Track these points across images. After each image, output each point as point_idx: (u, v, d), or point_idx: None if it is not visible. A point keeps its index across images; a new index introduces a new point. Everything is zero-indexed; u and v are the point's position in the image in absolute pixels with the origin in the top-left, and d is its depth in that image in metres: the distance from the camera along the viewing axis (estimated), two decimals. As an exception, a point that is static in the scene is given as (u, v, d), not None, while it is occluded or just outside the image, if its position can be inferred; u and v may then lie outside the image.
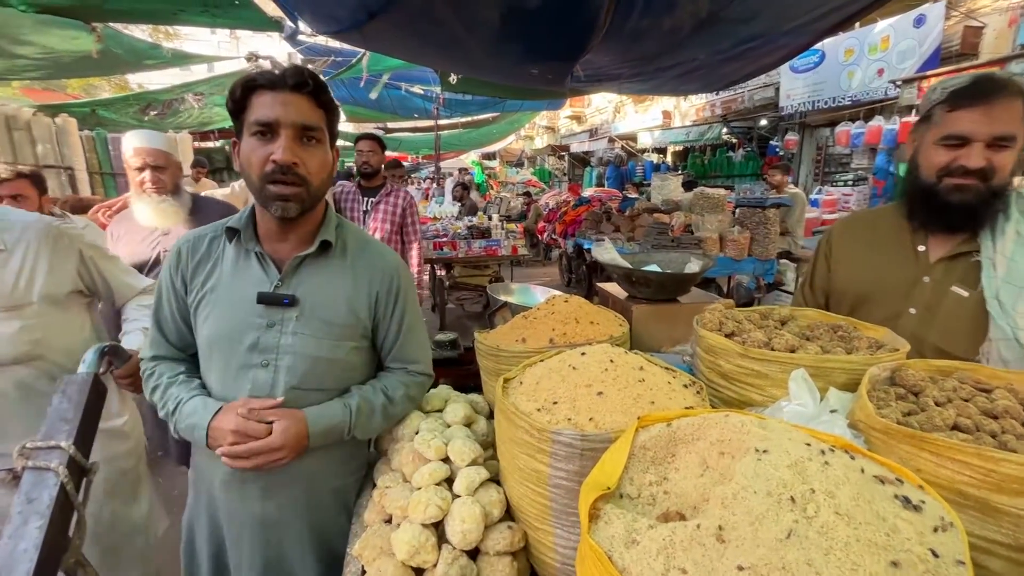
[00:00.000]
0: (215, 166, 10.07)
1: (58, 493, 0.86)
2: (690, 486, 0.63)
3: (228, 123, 9.44)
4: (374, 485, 1.09)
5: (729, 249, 4.84)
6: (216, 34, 20.53)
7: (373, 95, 5.87)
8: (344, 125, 11.61)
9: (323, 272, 1.10)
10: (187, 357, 1.16)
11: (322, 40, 5.39)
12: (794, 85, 8.90)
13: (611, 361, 0.91)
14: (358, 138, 3.38)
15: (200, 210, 2.16)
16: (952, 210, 1.16)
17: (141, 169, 2.01)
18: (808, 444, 0.58)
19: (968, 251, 1.19)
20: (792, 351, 0.95)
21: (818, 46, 7.29)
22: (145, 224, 2.05)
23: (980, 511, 0.61)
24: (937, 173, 1.16)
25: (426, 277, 3.66)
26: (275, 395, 1.04)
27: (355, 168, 3.37)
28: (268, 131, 0.98)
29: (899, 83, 6.39)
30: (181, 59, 6.12)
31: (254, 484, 1.09)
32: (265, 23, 3.87)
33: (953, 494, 0.62)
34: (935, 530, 0.50)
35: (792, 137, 9.69)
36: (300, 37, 5.18)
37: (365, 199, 3.35)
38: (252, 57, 6.99)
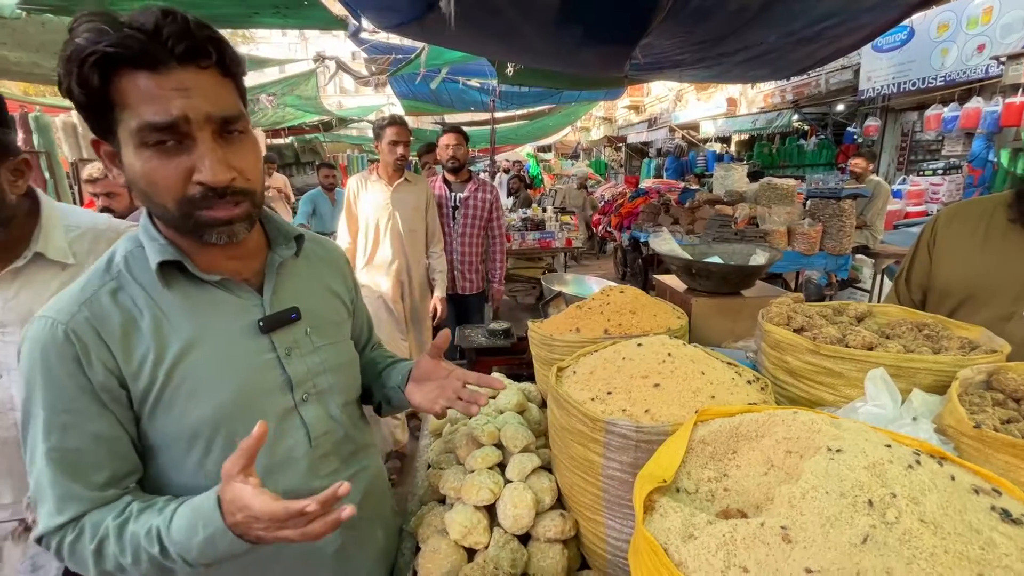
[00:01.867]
0: (285, 161, 10.70)
1: None
2: (752, 484, 0.60)
3: (298, 120, 9.78)
4: (429, 466, 1.13)
5: (798, 243, 4.55)
6: (287, 36, 21.63)
7: (433, 85, 5.96)
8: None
9: (300, 272, 0.90)
10: (120, 494, 0.72)
11: (383, 37, 5.53)
12: (877, 66, 8.15)
13: (669, 354, 0.89)
14: (442, 132, 3.22)
15: None
16: None
17: None
18: (888, 446, 0.53)
19: None
20: (870, 349, 0.88)
21: (906, 22, 6.65)
22: None
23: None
24: None
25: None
26: (334, 429, 0.86)
27: (441, 163, 3.18)
28: (171, 138, 0.65)
29: (1003, 59, 5.71)
30: (254, 64, 6.51)
31: (371, 544, 0.94)
32: (332, 22, 4.01)
33: (1062, 511, 0.56)
34: (1040, 548, 0.45)
35: (873, 123, 8.88)
36: (363, 35, 5.34)
37: (453, 195, 3.16)
38: (319, 57, 7.27)
